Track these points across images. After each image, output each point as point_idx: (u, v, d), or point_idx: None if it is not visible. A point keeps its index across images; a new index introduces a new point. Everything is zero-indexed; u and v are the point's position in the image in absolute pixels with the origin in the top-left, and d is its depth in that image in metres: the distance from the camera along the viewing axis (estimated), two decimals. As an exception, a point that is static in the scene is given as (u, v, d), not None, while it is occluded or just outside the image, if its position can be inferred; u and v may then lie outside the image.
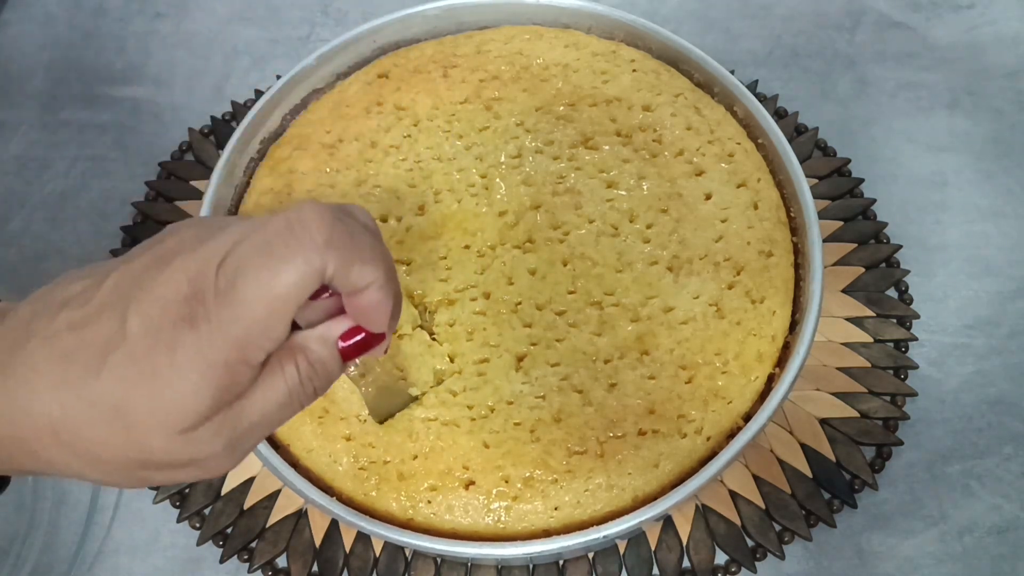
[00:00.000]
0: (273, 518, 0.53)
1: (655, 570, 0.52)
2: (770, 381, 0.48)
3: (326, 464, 0.47)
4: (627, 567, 0.52)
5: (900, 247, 0.61)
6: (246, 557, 0.52)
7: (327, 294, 0.35)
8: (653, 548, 0.52)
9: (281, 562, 0.53)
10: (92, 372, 0.31)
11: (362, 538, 0.52)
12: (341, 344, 0.35)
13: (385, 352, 0.38)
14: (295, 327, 0.35)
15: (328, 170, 0.54)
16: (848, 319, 0.58)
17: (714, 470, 0.44)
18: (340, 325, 0.36)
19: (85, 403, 0.31)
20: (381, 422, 0.47)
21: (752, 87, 0.67)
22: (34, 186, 0.67)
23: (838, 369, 0.56)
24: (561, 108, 0.55)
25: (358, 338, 0.36)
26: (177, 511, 0.54)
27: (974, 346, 0.59)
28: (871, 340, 0.57)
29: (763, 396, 0.48)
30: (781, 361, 0.49)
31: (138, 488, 0.33)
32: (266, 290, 0.31)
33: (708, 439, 0.46)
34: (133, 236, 0.63)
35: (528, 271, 0.50)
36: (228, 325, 0.31)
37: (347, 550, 0.52)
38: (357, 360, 0.37)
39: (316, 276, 0.32)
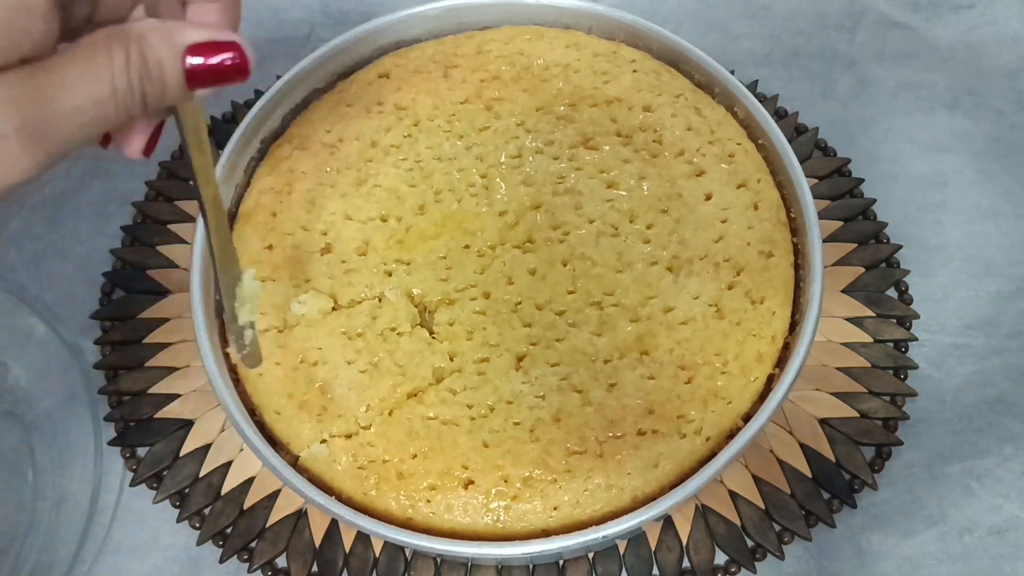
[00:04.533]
0: (273, 518, 0.53)
1: (655, 570, 0.52)
2: (770, 381, 0.48)
3: (325, 463, 0.47)
4: (627, 567, 0.52)
5: (900, 247, 0.61)
6: (246, 557, 0.52)
7: None
8: (653, 548, 0.52)
9: (281, 562, 0.53)
10: None
11: (362, 538, 0.52)
12: (190, 59, 0.29)
13: (245, 78, 0.31)
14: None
15: (328, 169, 0.54)
16: (848, 319, 0.58)
17: (713, 471, 0.44)
18: (195, 33, 0.29)
19: None
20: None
21: (752, 87, 0.67)
22: (34, 186, 0.67)
23: (838, 369, 0.56)
24: (561, 108, 0.55)
25: (212, 60, 0.29)
26: (177, 511, 0.54)
27: (974, 346, 0.58)
28: (871, 340, 0.57)
29: (763, 396, 0.48)
30: (781, 361, 0.49)
31: None
32: None
33: (707, 439, 0.46)
34: (133, 236, 0.63)
35: (528, 271, 0.50)
36: None
37: (347, 550, 0.52)
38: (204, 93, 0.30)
39: None
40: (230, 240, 0.41)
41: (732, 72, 0.57)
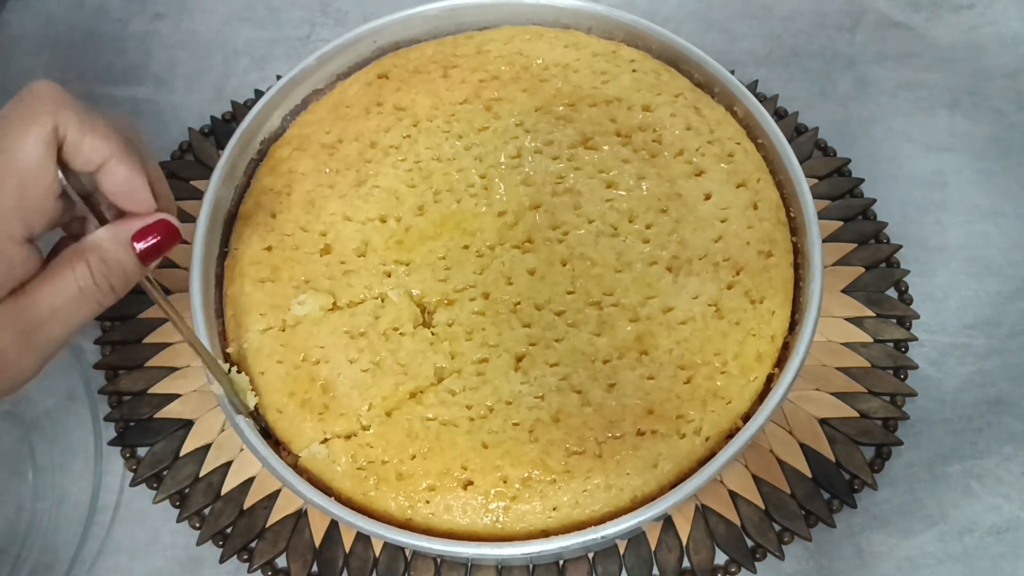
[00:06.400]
0: (273, 518, 0.53)
1: (655, 570, 0.52)
2: (769, 381, 0.48)
3: (325, 464, 0.47)
4: (627, 567, 0.52)
5: (900, 247, 0.61)
6: (246, 557, 0.52)
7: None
8: (653, 548, 0.52)
9: (281, 562, 0.53)
10: None
11: (362, 538, 0.52)
12: (136, 245, 0.38)
13: (179, 241, 0.40)
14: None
15: (328, 170, 0.54)
16: (848, 319, 0.58)
17: (712, 471, 0.44)
18: (133, 224, 0.38)
19: None
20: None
21: (752, 87, 0.67)
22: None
23: (838, 369, 0.56)
24: (561, 108, 0.55)
25: (153, 240, 0.38)
26: (177, 511, 0.54)
27: (974, 346, 0.58)
28: (871, 340, 0.57)
29: (762, 396, 0.48)
30: (780, 361, 0.49)
31: None
32: (8, 163, 0.33)
33: (707, 439, 0.46)
34: (133, 236, 0.63)
35: (527, 271, 0.50)
36: None
37: (347, 550, 0.52)
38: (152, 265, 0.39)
39: (52, 137, 0.33)
40: (212, 357, 0.46)
41: (732, 72, 0.57)
